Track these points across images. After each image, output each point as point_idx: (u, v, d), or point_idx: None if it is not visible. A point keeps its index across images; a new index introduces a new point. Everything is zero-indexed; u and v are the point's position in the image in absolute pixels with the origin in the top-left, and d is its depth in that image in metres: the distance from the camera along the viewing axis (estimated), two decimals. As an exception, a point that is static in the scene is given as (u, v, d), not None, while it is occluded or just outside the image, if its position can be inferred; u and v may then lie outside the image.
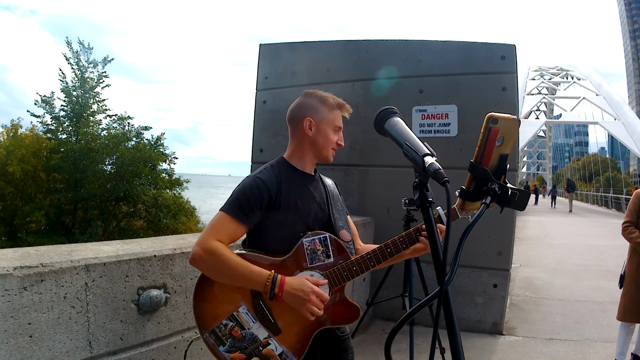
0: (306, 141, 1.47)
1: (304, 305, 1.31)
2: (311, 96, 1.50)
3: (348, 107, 1.51)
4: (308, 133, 1.46)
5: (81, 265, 1.58)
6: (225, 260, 1.30)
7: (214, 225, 1.34)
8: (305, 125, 1.46)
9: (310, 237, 1.40)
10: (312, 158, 1.50)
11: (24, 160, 14.24)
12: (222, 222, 1.34)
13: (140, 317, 1.82)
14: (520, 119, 0.97)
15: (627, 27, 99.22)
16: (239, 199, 1.37)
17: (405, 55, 4.23)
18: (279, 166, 1.47)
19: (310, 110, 1.47)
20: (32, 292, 1.43)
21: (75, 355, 1.56)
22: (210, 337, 1.36)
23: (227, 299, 1.37)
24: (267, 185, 1.38)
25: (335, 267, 1.40)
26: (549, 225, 14.76)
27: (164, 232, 14.95)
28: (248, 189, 1.38)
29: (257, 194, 1.37)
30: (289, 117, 1.53)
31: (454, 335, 0.81)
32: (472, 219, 0.84)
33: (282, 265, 1.38)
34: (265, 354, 1.35)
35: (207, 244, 1.30)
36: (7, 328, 1.36)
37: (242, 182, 1.41)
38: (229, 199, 1.39)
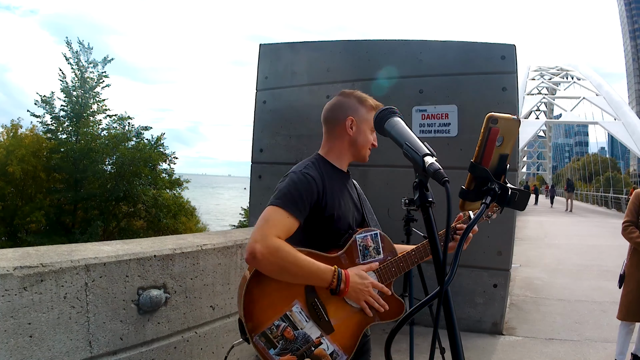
0: (346, 140, 1.48)
1: (364, 299, 1.31)
2: (350, 96, 1.51)
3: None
4: (349, 132, 1.47)
5: (81, 265, 1.58)
6: (292, 257, 1.24)
7: (271, 221, 1.26)
8: (347, 124, 1.47)
9: (363, 234, 1.40)
10: (350, 157, 1.51)
11: (24, 160, 14.25)
12: (278, 217, 1.27)
13: (140, 317, 1.82)
14: (520, 119, 0.97)
15: (627, 27, 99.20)
16: (291, 194, 1.31)
17: (405, 55, 4.23)
18: (319, 163, 1.45)
19: (351, 110, 1.48)
20: (32, 292, 1.43)
21: (75, 355, 1.56)
22: (261, 340, 1.26)
23: (280, 298, 1.29)
24: (316, 182, 1.36)
25: (385, 263, 1.41)
26: (549, 225, 14.76)
27: (164, 232, 14.96)
28: (299, 184, 1.33)
29: (309, 189, 1.33)
30: (327, 116, 1.54)
31: (454, 335, 0.81)
32: (472, 219, 0.84)
33: (335, 262, 1.34)
34: (317, 355, 1.29)
35: (270, 241, 1.22)
36: (7, 328, 1.36)
37: (290, 178, 1.36)
38: (278, 193, 1.32)
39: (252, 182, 4.75)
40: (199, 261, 2.13)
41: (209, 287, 2.21)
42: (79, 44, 15.63)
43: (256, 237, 1.23)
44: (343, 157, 1.50)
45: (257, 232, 1.24)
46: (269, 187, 4.67)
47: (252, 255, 1.21)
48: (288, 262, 1.23)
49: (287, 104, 4.62)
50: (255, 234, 1.23)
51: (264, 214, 1.28)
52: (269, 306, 1.28)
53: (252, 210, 4.83)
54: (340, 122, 1.48)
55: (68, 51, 15.38)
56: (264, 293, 1.28)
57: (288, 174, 1.38)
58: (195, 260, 2.11)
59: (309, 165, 1.42)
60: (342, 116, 1.48)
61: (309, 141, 4.47)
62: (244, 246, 2.47)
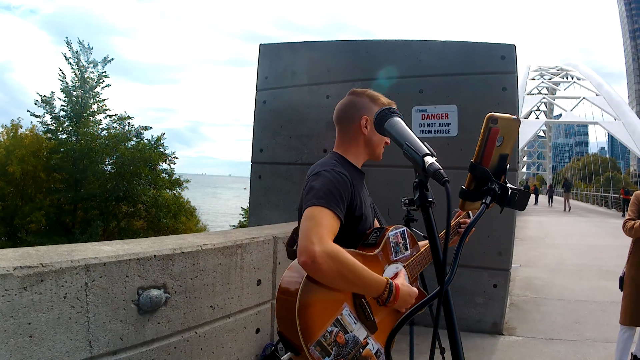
0: (361, 139, 1.48)
1: (405, 307, 1.33)
2: (362, 95, 1.50)
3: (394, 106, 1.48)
4: (364, 131, 1.47)
5: (81, 265, 1.58)
6: (350, 263, 1.17)
7: (321, 223, 1.19)
8: (362, 123, 1.46)
9: (394, 231, 1.42)
10: (365, 156, 1.52)
11: (24, 160, 14.25)
12: (326, 218, 1.21)
13: (140, 317, 1.82)
14: (520, 119, 0.97)
15: (627, 27, 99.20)
16: (332, 193, 1.26)
17: (405, 55, 4.23)
18: (342, 162, 1.44)
19: (365, 109, 1.47)
20: (32, 292, 1.43)
21: (75, 355, 1.56)
22: (316, 350, 1.18)
23: (332, 303, 1.23)
24: (350, 181, 1.35)
25: (412, 258, 1.45)
26: (549, 225, 14.76)
27: (164, 232, 14.96)
28: (337, 182, 1.30)
29: (345, 188, 1.31)
30: (340, 116, 1.52)
31: (454, 335, 0.81)
32: (472, 219, 0.84)
33: (374, 260, 1.34)
34: (364, 356, 1.26)
35: (329, 244, 1.15)
36: (7, 328, 1.36)
37: (325, 176, 1.31)
38: (317, 193, 1.26)
39: (252, 182, 4.75)
40: (199, 261, 2.13)
41: (209, 287, 2.21)
42: (79, 44, 15.65)
43: (313, 239, 1.14)
44: (359, 156, 1.50)
45: (312, 234, 1.15)
46: (269, 187, 4.67)
47: (311, 258, 1.12)
48: (346, 269, 1.17)
49: (287, 104, 4.62)
50: (311, 236, 1.15)
51: (311, 214, 1.21)
52: (322, 313, 1.21)
53: (252, 210, 4.83)
54: (355, 121, 1.48)
55: (68, 51, 15.40)
56: (316, 300, 1.20)
57: (320, 173, 1.33)
58: (195, 260, 2.11)
59: (336, 164, 1.39)
60: (357, 116, 1.47)
61: (308, 141, 4.47)
62: (244, 246, 2.47)
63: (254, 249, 2.55)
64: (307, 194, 1.28)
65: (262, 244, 2.63)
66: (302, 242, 1.16)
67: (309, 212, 1.22)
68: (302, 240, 1.16)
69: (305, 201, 1.27)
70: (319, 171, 1.34)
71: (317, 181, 1.30)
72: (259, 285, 2.62)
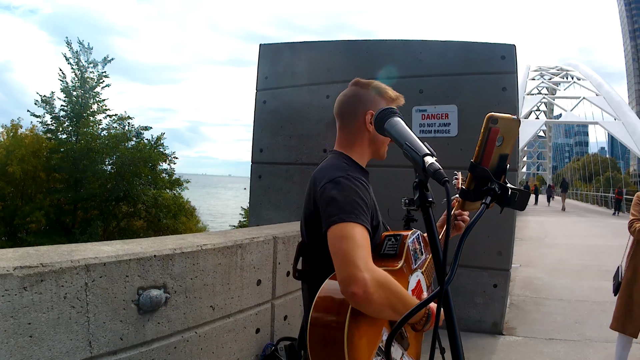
0: (365, 137, 1.33)
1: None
2: (367, 87, 1.35)
3: (402, 100, 1.38)
4: (369, 128, 1.31)
5: (81, 265, 1.58)
6: (398, 291, 1.05)
7: (361, 243, 1.05)
8: (367, 119, 1.30)
9: (411, 238, 1.28)
10: (369, 155, 1.37)
11: (24, 160, 14.26)
12: (364, 236, 1.07)
13: (140, 317, 1.82)
14: (520, 119, 0.97)
15: (627, 27, 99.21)
16: (358, 205, 1.12)
17: (405, 55, 4.23)
18: (351, 164, 1.29)
19: (370, 103, 1.32)
20: (32, 292, 1.43)
21: (75, 355, 1.56)
22: None
23: (376, 332, 1.12)
24: (368, 187, 1.23)
25: (427, 262, 1.35)
26: (549, 225, 14.76)
27: (164, 232, 14.97)
28: (359, 191, 1.15)
29: (368, 196, 1.18)
30: (341, 109, 1.36)
31: (454, 335, 0.81)
32: (472, 219, 0.84)
33: (399, 274, 1.19)
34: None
35: (376, 271, 1.02)
36: (7, 328, 1.36)
37: (345, 185, 1.15)
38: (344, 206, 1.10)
39: (252, 182, 4.75)
40: (199, 261, 2.13)
41: (209, 287, 2.21)
42: (79, 44, 15.65)
43: (359, 264, 1.00)
44: (364, 155, 1.35)
45: (356, 258, 1.01)
46: (268, 187, 4.67)
47: (362, 288, 0.97)
48: (395, 297, 1.04)
49: (287, 104, 4.62)
50: (356, 261, 1.00)
51: (345, 233, 1.06)
52: (368, 345, 1.10)
53: (252, 210, 4.83)
54: (358, 117, 1.32)
55: (68, 51, 15.41)
56: (363, 333, 1.07)
57: (337, 180, 1.16)
58: (195, 260, 2.11)
59: (348, 167, 1.24)
60: (361, 111, 1.32)
61: (308, 141, 4.48)
62: (244, 246, 2.47)
63: (254, 249, 2.55)
64: (329, 205, 1.12)
65: (262, 244, 2.63)
66: (346, 268, 1.01)
67: (340, 230, 1.07)
68: (346, 266, 1.01)
69: (327, 214, 1.11)
70: (335, 178, 1.17)
71: (337, 190, 1.14)
72: (259, 285, 2.62)
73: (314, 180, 1.24)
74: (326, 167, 1.26)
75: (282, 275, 2.84)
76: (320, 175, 1.22)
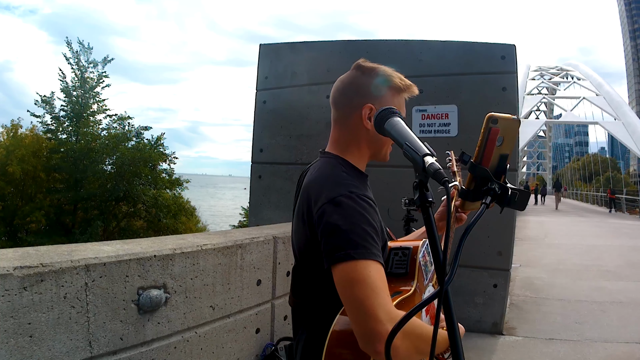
0: (363, 135, 1.10)
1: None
2: (370, 74, 1.10)
3: (415, 89, 1.17)
4: (366, 125, 1.08)
5: (81, 265, 1.58)
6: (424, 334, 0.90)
7: (378, 286, 0.87)
8: (364, 114, 1.08)
9: (421, 251, 1.12)
10: (369, 156, 1.15)
11: (24, 160, 14.27)
12: (379, 275, 0.89)
13: (140, 317, 1.82)
14: (520, 119, 0.97)
15: (627, 27, 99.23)
16: (369, 234, 0.93)
17: (405, 55, 4.23)
18: (350, 171, 1.07)
19: (370, 96, 1.09)
20: (32, 292, 1.43)
21: (75, 355, 1.56)
22: None
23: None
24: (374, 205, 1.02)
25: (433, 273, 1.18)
26: (549, 225, 14.75)
27: (164, 232, 14.98)
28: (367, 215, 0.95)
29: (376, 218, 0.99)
30: (335, 98, 1.13)
31: (454, 335, 0.81)
32: (472, 220, 0.84)
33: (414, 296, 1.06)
34: None
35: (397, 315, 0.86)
36: (7, 328, 1.36)
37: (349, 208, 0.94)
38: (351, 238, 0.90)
39: (252, 182, 4.75)
40: (199, 261, 2.13)
41: (209, 287, 2.21)
42: (79, 44, 15.67)
43: (380, 316, 0.84)
44: (363, 157, 1.13)
45: (376, 309, 0.84)
46: (269, 187, 4.67)
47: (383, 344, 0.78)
48: (422, 341, 0.89)
49: (287, 104, 4.63)
50: (376, 312, 0.84)
51: (359, 277, 0.87)
52: None
53: (252, 210, 4.83)
54: (354, 109, 1.09)
55: (68, 51, 15.42)
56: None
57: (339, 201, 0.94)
58: (195, 260, 2.11)
59: (348, 179, 1.01)
60: (358, 102, 1.09)
61: (308, 141, 4.48)
62: (244, 246, 2.47)
63: (254, 249, 2.56)
64: (331, 236, 0.92)
65: (262, 244, 2.63)
66: (366, 323, 0.84)
67: (351, 271, 0.88)
68: (365, 321, 0.84)
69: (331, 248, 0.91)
70: (335, 197, 0.95)
71: (340, 215, 0.93)
72: (259, 285, 2.62)
73: (308, 197, 1.01)
74: (322, 178, 1.03)
75: (282, 275, 2.84)
76: (315, 191, 1.00)
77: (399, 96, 1.14)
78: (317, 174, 1.06)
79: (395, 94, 1.13)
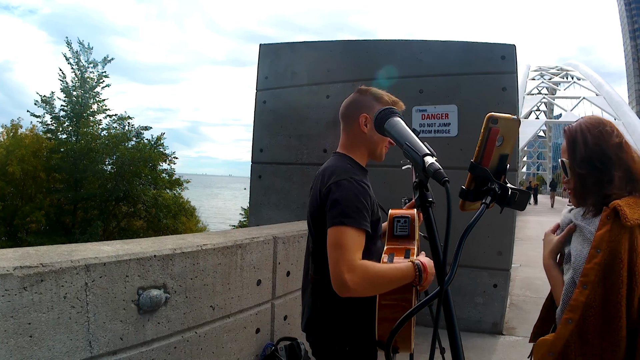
0: (361, 138, 1.47)
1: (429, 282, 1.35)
2: (366, 93, 1.50)
3: (402, 105, 1.51)
4: (363, 130, 1.46)
5: (81, 265, 1.58)
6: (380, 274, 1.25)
7: (349, 247, 1.24)
8: (361, 121, 1.45)
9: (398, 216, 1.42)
10: (368, 155, 1.51)
11: (24, 160, 14.26)
12: (354, 239, 1.25)
13: (140, 317, 1.82)
14: (520, 119, 0.97)
15: (627, 27, 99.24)
16: (358, 209, 1.29)
17: (405, 55, 4.23)
18: (354, 165, 1.44)
19: (365, 107, 1.46)
20: (32, 292, 1.43)
21: (75, 355, 1.56)
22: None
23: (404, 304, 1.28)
24: (370, 189, 1.37)
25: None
26: (549, 225, 14.70)
27: (164, 232, 14.97)
28: (360, 195, 1.31)
29: (368, 199, 1.33)
30: (343, 113, 1.53)
31: (454, 335, 0.81)
32: (472, 219, 0.84)
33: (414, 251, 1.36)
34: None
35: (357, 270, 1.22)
36: (7, 328, 1.36)
37: (347, 188, 1.31)
38: (344, 210, 1.27)
39: (252, 182, 4.75)
40: (199, 261, 2.13)
41: (209, 287, 2.21)
42: (79, 44, 15.65)
43: (342, 268, 1.21)
44: (363, 156, 1.50)
45: (341, 263, 1.22)
46: (269, 187, 4.67)
47: (346, 288, 1.21)
48: (378, 281, 1.24)
49: (287, 104, 4.63)
50: (340, 265, 1.21)
51: (338, 240, 1.25)
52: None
53: (252, 210, 4.83)
54: (355, 119, 1.47)
55: (68, 51, 15.40)
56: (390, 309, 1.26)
57: (341, 183, 1.32)
58: (195, 260, 2.11)
59: (351, 169, 1.39)
60: (357, 113, 1.47)
61: (308, 141, 4.48)
62: (244, 246, 2.47)
63: (254, 249, 2.55)
64: (332, 208, 1.29)
65: (262, 244, 2.63)
66: (334, 273, 1.23)
67: (335, 234, 1.25)
68: (334, 271, 1.23)
69: (331, 215, 1.28)
70: (339, 180, 1.32)
71: (341, 193, 1.30)
72: (259, 285, 2.62)
73: (322, 178, 1.39)
74: (332, 167, 1.40)
75: (282, 275, 2.84)
76: (327, 174, 1.38)
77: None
78: (329, 164, 1.44)
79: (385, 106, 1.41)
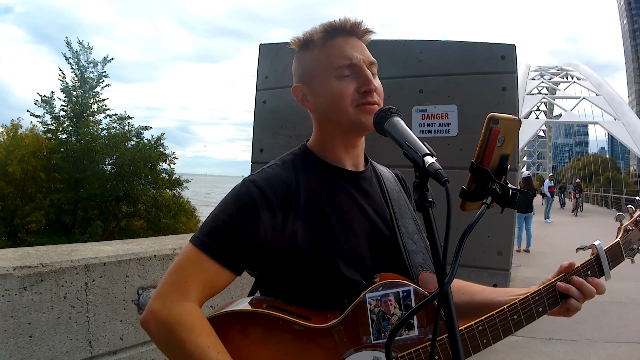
0: (315, 118, 1.04)
1: None
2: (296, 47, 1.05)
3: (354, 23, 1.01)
4: (307, 106, 1.03)
5: (81, 265, 1.58)
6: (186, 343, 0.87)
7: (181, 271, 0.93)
8: (298, 97, 1.04)
9: (380, 291, 0.87)
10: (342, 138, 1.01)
11: (24, 160, 14.26)
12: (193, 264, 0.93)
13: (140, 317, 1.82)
14: (521, 119, 0.97)
15: (627, 27, 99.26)
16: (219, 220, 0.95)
17: (405, 55, 4.22)
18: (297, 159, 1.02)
19: (295, 73, 1.06)
20: (32, 292, 1.43)
21: (75, 355, 1.56)
22: None
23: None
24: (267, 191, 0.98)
25: (422, 345, 0.88)
26: (550, 225, 14.75)
27: (164, 232, 14.97)
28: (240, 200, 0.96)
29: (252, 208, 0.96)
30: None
31: (454, 335, 0.81)
32: (473, 220, 0.84)
33: (323, 336, 0.84)
34: None
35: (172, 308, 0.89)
36: (7, 328, 1.36)
37: (230, 194, 0.98)
38: (205, 221, 0.96)
39: (252, 182, 4.75)
40: (199, 261, 2.13)
41: (209, 287, 2.21)
42: (79, 44, 15.67)
43: (156, 292, 0.92)
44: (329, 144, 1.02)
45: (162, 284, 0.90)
46: (269, 187, 4.67)
47: (144, 318, 0.88)
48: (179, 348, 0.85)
49: (287, 104, 4.62)
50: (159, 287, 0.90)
51: (180, 257, 0.94)
52: None
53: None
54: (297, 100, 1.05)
55: (68, 51, 15.41)
56: None
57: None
58: (195, 260, 2.10)
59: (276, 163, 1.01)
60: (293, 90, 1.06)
61: (309, 141, 4.48)
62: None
63: (254, 249, 2.55)
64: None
65: (262, 244, 2.63)
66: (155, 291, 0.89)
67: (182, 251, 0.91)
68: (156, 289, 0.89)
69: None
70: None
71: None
72: (259, 285, 2.62)
73: None
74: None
75: (282, 275, 2.84)
76: None
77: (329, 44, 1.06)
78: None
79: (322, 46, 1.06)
